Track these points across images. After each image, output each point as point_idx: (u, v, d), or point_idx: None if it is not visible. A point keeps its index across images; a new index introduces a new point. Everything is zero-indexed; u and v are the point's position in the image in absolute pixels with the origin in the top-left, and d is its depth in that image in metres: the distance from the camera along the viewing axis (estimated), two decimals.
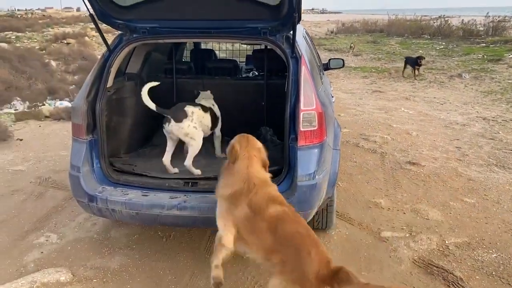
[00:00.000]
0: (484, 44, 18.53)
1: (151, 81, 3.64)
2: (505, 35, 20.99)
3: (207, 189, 3.16)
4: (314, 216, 3.27)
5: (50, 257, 3.49)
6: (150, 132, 4.37)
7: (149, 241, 3.70)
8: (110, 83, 3.47)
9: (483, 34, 21.49)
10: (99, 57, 3.71)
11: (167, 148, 3.66)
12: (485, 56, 15.19)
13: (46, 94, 10.00)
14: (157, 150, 4.01)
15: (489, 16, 22.44)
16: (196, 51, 5.60)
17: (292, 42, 3.23)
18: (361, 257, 3.41)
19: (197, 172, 3.55)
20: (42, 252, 3.56)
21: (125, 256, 3.50)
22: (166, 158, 3.62)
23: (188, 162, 3.55)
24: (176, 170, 3.63)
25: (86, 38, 20.16)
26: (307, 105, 3.04)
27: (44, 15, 36.77)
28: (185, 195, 3.06)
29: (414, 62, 12.70)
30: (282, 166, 3.14)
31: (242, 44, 5.19)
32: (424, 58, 12.99)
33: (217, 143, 4.12)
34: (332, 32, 31.83)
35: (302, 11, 3.23)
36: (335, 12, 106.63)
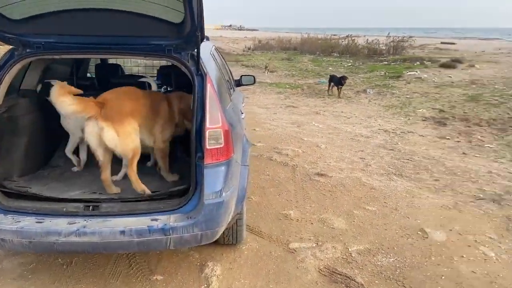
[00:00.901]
0: (386, 62, 20.14)
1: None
2: (404, 54, 23.05)
3: (109, 212, 3.03)
4: (224, 231, 3.28)
5: None
6: (48, 153, 4.10)
7: (48, 270, 3.44)
8: (0, 101, 3.20)
9: (385, 53, 23.40)
10: None
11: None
12: (387, 73, 16.48)
13: None
14: (57, 171, 3.77)
15: (390, 36, 24.49)
16: (101, 66, 5.39)
17: (196, 60, 3.24)
18: (270, 270, 3.47)
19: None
20: None
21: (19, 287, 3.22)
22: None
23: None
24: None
25: None
26: (213, 123, 3.06)
27: None
28: (84, 220, 2.89)
29: (338, 81, 13.01)
30: (189, 185, 3.11)
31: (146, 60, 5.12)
32: (347, 78, 13.37)
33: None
34: (249, 48, 32.58)
35: (220, 27, 3.27)
36: (252, 30, 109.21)
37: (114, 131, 3.26)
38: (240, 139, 3.58)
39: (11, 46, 3.35)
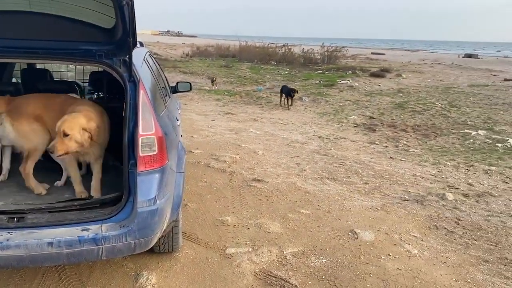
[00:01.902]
0: (321, 71, 20.94)
1: None
2: (337, 63, 24.11)
3: (36, 223, 2.88)
4: (159, 239, 3.24)
5: None
6: None
7: None
8: None
9: (320, 62, 24.32)
10: None
11: None
12: (321, 82, 17.14)
13: None
14: None
15: (324, 46, 25.50)
16: (28, 71, 5.12)
17: (129, 66, 3.20)
18: (206, 276, 3.48)
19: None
20: None
21: None
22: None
23: None
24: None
25: None
26: (146, 130, 3.03)
27: None
28: (8, 233, 2.73)
29: (288, 93, 12.93)
30: (122, 192, 3.05)
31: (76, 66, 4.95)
32: (297, 91, 13.27)
33: None
34: (187, 55, 32.38)
35: (158, 33, 3.25)
36: (190, 36, 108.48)
37: (11, 125, 3.48)
38: (175, 146, 3.57)
39: None
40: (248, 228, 4.39)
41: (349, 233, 4.35)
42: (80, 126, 3.22)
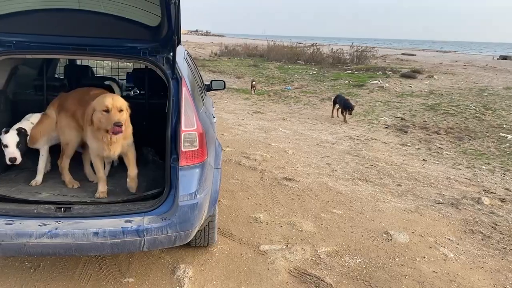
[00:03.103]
0: (350, 71, 20.71)
1: (18, 98, 3.39)
2: (367, 63, 23.80)
3: (82, 214, 3.00)
4: (196, 233, 3.31)
5: None
6: None
7: (14, 273, 3.35)
8: None
9: (349, 62, 24.07)
10: None
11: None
12: (351, 82, 16.96)
13: None
14: (25, 173, 3.69)
15: (354, 45, 25.22)
16: (70, 67, 5.31)
17: (172, 64, 3.28)
18: (241, 272, 3.53)
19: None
20: None
21: None
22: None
23: None
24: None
25: None
26: (188, 126, 3.10)
27: None
28: (56, 222, 2.86)
29: (346, 105, 10.60)
30: (163, 187, 3.14)
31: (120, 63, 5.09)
32: (354, 107, 10.83)
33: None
34: (215, 54, 32.59)
35: (187, 32, 3.32)
36: (218, 35, 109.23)
37: (55, 120, 3.75)
38: (213, 142, 3.64)
39: None
40: (281, 226, 4.42)
41: (383, 235, 4.32)
42: (126, 104, 3.32)
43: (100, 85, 4.19)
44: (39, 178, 3.62)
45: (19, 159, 3.44)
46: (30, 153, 3.65)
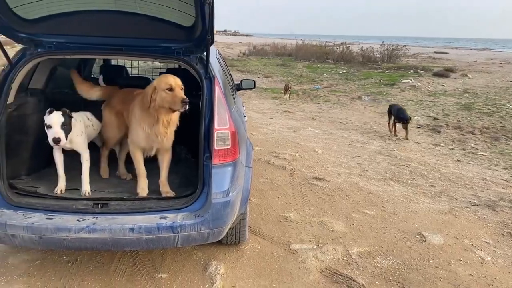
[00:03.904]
0: (381, 70, 20.39)
1: (57, 97, 3.49)
2: (398, 62, 23.37)
3: (118, 210, 3.08)
4: (227, 231, 3.34)
5: None
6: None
7: (53, 267, 3.47)
8: (11, 99, 3.25)
9: (380, 61, 23.68)
10: None
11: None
12: (381, 81, 16.71)
13: None
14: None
15: (384, 44, 24.80)
16: (106, 67, 5.45)
17: (205, 63, 3.32)
18: (272, 270, 3.53)
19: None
20: None
21: (25, 284, 3.23)
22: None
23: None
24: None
25: None
26: (221, 125, 3.14)
27: None
28: (94, 217, 2.95)
29: (404, 117, 8.69)
30: (196, 187, 3.18)
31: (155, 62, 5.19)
32: (410, 119, 8.88)
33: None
34: (244, 54, 32.72)
35: (216, 32, 3.35)
36: (247, 35, 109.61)
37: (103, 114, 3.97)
38: (244, 141, 3.66)
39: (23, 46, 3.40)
40: (312, 226, 4.40)
41: (417, 236, 4.24)
42: None
43: (137, 85, 4.29)
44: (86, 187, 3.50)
45: (63, 140, 3.26)
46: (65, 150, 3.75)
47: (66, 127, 3.30)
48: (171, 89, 3.27)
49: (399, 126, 8.94)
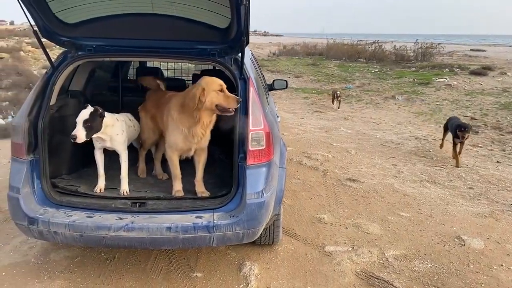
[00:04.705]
0: (414, 69, 19.88)
1: (96, 99, 3.59)
2: (432, 60, 22.72)
3: (156, 209, 3.14)
4: (261, 232, 3.34)
5: None
6: (91, 152, 4.26)
7: (92, 264, 3.57)
8: (53, 100, 3.37)
9: (413, 59, 23.08)
10: (35, 72, 3.64)
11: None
12: (415, 80, 16.29)
13: None
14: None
15: (418, 42, 24.17)
16: (142, 69, 5.56)
17: (240, 64, 3.33)
18: (306, 272, 3.51)
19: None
20: None
21: (66, 280, 3.35)
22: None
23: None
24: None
25: (21, 53, 19.17)
26: (256, 125, 3.14)
27: None
28: (132, 216, 3.01)
29: (459, 132, 6.72)
30: (230, 187, 3.20)
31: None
32: (470, 130, 6.97)
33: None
34: (274, 54, 32.64)
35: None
36: (276, 35, 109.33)
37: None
38: (278, 141, 3.65)
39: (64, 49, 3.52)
40: (346, 228, 4.34)
41: (455, 239, 4.11)
42: None
43: (171, 86, 4.36)
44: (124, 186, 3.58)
45: (80, 139, 3.19)
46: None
47: (90, 125, 3.27)
48: (221, 90, 3.29)
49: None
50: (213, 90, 3.27)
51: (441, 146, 7.63)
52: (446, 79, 15.81)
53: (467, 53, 30.32)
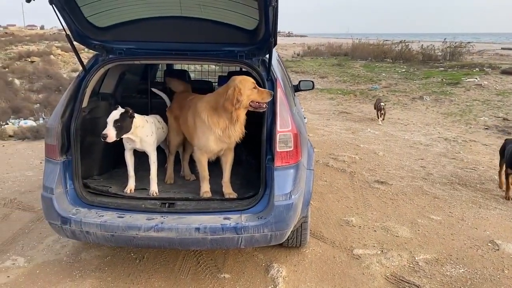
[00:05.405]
0: (443, 68, 19.43)
1: (126, 101, 3.65)
2: (462, 60, 22.16)
3: (185, 210, 3.16)
4: (289, 234, 3.33)
5: (17, 281, 3.37)
6: (122, 153, 4.33)
7: (122, 263, 3.63)
8: (85, 103, 3.45)
9: (441, 59, 22.56)
10: (64, 75, 3.74)
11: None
12: (444, 80, 15.92)
13: (10, 113, 9.72)
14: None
15: (446, 41, 23.63)
16: (169, 72, 5.63)
17: (268, 66, 3.33)
18: (335, 275, 3.47)
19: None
20: (8, 277, 3.43)
21: (97, 279, 3.42)
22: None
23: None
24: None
25: (51, 56, 19.72)
26: (283, 127, 3.13)
27: (6, 33, 35.66)
28: (162, 216, 3.05)
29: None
30: (258, 189, 3.20)
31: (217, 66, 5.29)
32: None
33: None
34: (298, 55, 32.52)
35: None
36: (300, 36, 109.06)
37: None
38: (305, 143, 3.63)
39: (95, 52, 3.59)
40: (375, 231, 4.27)
41: (488, 244, 3.99)
42: None
43: (199, 88, 4.40)
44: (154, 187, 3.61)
45: (111, 138, 3.24)
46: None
47: (120, 125, 3.31)
48: (255, 87, 3.32)
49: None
50: (248, 88, 3.29)
51: (501, 185, 5.45)
52: (476, 78, 15.39)
53: (498, 51, 29.45)
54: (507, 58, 23.78)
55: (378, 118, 10.14)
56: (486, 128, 9.35)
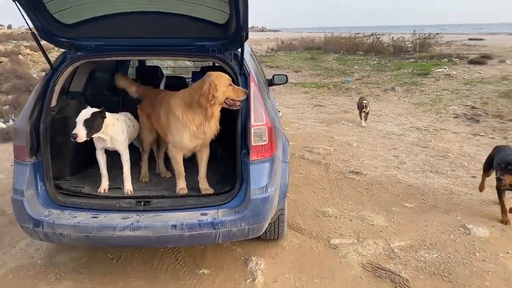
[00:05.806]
0: (413, 60, 19.82)
1: (96, 99, 3.58)
2: (431, 51, 22.67)
3: (161, 207, 3.14)
4: (266, 227, 3.34)
5: None
6: (93, 153, 4.26)
7: (99, 264, 3.58)
8: (54, 102, 3.37)
9: (412, 50, 23.02)
10: (34, 75, 3.64)
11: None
12: (414, 71, 16.25)
13: None
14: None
15: (416, 33, 24.11)
16: (141, 68, 5.55)
17: (240, 60, 3.32)
18: (313, 265, 3.52)
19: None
20: None
21: (74, 280, 3.36)
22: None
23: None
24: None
25: (20, 56, 19.13)
26: (258, 121, 3.14)
27: None
28: (137, 215, 3.01)
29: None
30: (234, 183, 3.20)
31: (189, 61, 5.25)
32: None
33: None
34: (272, 49, 32.56)
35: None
36: (274, 30, 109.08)
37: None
38: (280, 136, 3.64)
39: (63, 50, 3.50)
40: (351, 220, 4.34)
41: (460, 228, 4.12)
42: None
43: (172, 85, 4.35)
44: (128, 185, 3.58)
45: (81, 138, 3.18)
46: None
47: (90, 125, 3.26)
48: (230, 84, 3.30)
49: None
50: (224, 84, 3.28)
51: (482, 188, 4.97)
52: (445, 69, 15.77)
53: (466, 42, 30.23)
54: (474, 48, 24.46)
55: (361, 119, 9.16)
56: (456, 117, 9.60)
